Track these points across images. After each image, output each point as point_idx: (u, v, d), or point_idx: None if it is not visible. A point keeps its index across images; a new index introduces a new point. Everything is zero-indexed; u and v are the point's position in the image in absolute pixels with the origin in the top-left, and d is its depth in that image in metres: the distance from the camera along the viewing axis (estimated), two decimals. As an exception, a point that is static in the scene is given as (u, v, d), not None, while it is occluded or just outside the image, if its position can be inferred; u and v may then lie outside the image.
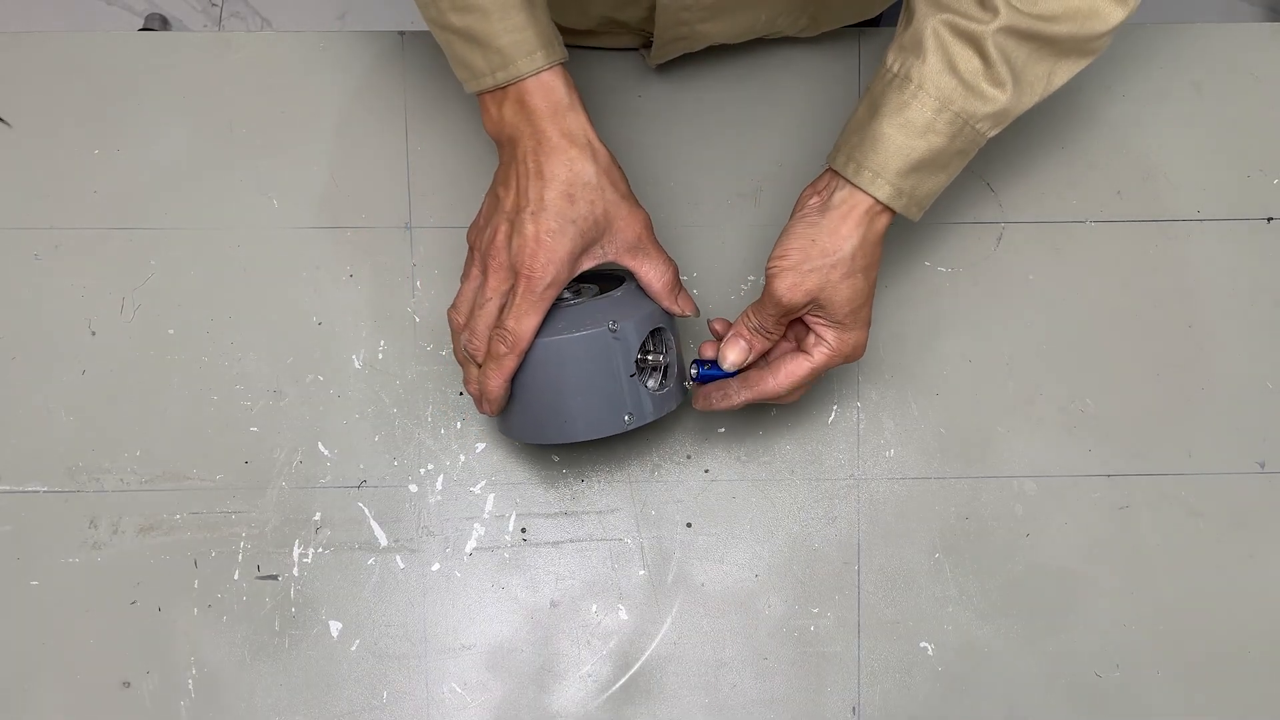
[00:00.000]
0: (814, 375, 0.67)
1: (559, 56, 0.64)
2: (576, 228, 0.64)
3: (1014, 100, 0.63)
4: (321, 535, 0.76)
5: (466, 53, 0.64)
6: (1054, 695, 0.76)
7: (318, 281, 0.79)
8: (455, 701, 0.75)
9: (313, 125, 0.80)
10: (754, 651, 0.76)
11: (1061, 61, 0.64)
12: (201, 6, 1.81)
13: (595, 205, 0.64)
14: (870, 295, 0.66)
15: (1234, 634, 0.77)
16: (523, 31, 0.63)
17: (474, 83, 0.65)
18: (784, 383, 0.67)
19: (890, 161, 0.63)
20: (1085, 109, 0.83)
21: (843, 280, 0.64)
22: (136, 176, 0.80)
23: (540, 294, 0.63)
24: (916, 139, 0.62)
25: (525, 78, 0.63)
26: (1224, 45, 0.83)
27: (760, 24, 0.78)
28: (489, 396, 0.66)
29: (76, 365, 0.78)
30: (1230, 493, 0.78)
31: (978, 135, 0.64)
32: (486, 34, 0.63)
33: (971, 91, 0.62)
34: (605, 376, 0.66)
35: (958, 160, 0.65)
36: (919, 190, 0.65)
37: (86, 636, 0.75)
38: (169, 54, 0.81)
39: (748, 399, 0.68)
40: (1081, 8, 0.61)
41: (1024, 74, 0.63)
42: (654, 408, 0.68)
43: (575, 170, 0.64)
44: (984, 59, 0.62)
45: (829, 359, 0.66)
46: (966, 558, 0.77)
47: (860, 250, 0.65)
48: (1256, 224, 0.82)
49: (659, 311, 0.68)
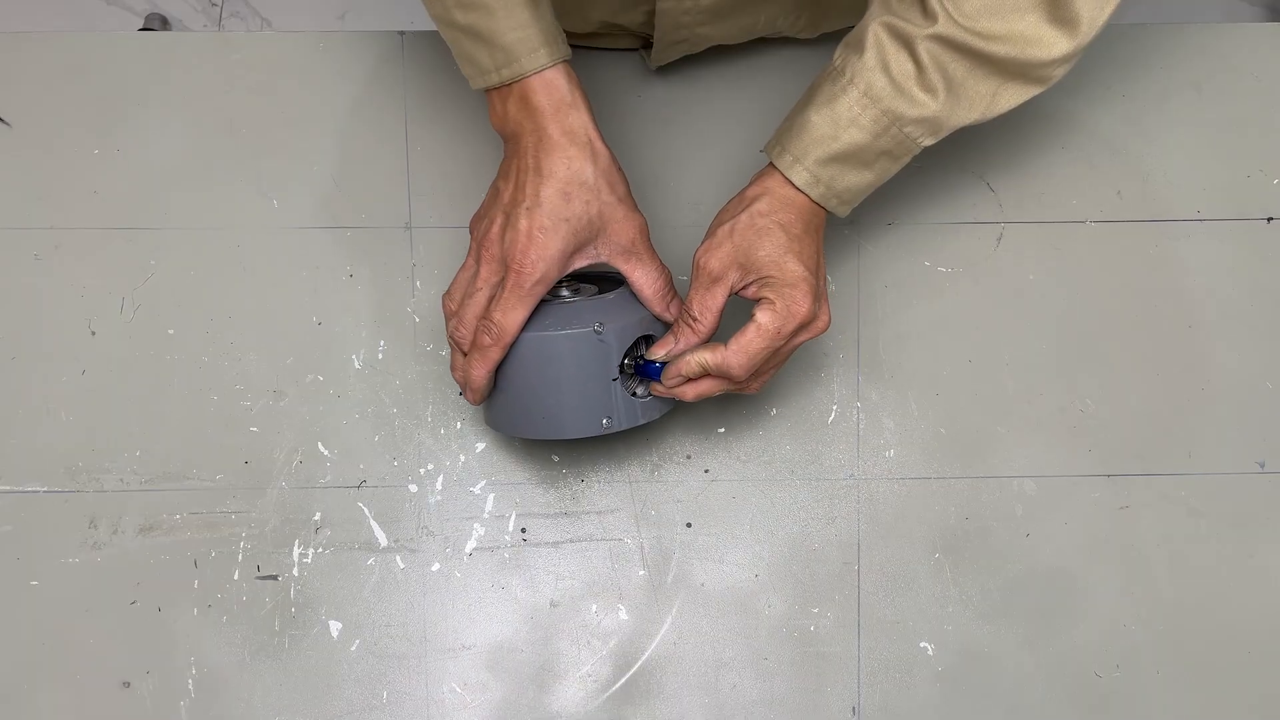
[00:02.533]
0: (766, 343, 0.64)
1: (563, 54, 0.65)
2: (570, 226, 0.64)
3: (946, 110, 0.63)
4: (321, 535, 0.76)
5: (472, 50, 0.65)
6: (1054, 695, 0.76)
7: (318, 281, 0.79)
8: (455, 701, 0.75)
9: (313, 125, 0.80)
10: (754, 651, 0.76)
11: (1008, 84, 0.64)
12: (201, 6, 1.81)
13: (591, 205, 0.64)
14: (808, 259, 0.65)
15: (1234, 634, 0.77)
16: (527, 29, 0.63)
17: (479, 79, 0.65)
18: (737, 355, 0.64)
19: (811, 149, 0.64)
20: (1085, 109, 0.83)
21: (759, 236, 0.64)
22: (136, 176, 0.80)
23: (528, 289, 0.64)
24: (840, 130, 0.63)
25: (529, 75, 0.64)
26: (1224, 45, 0.83)
27: (760, 25, 0.78)
28: (472, 386, 0.67)
29: (76, 365, 0.78)
30: (1230, 493, 0.78)
31: (907, 139, 0.64)
32: (491, 31, 0.63)
33: (901, 93, 0.62)
34: (587, 377, 0.66)
35: (885, 161, 0.65)
36: (838, 183, 0.65)
37: (86, 636, 0.75)
38: (169, 54, 0.81)
39: (709, 389, 0.67)
40: (1025, 32, 0.61)
41: (962, 88, 0.63)
42: (635, 414, 0.68)
43: (574, 169, 0.64)
44: (916, 63, 0.62)
45: (771, 318, 0.64)
46: (966, 558, 0.77)
47: (770, 206, 0.65)
48: (1256, 224, 0.82)
49: (649, 319, 0.68)
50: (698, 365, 0.65)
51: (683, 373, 0.66)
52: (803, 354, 0.79)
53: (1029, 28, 0.61)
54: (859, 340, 0.80)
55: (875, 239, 0.81)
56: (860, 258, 0.81)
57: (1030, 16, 0.61)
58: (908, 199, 0.81)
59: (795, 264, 0.64)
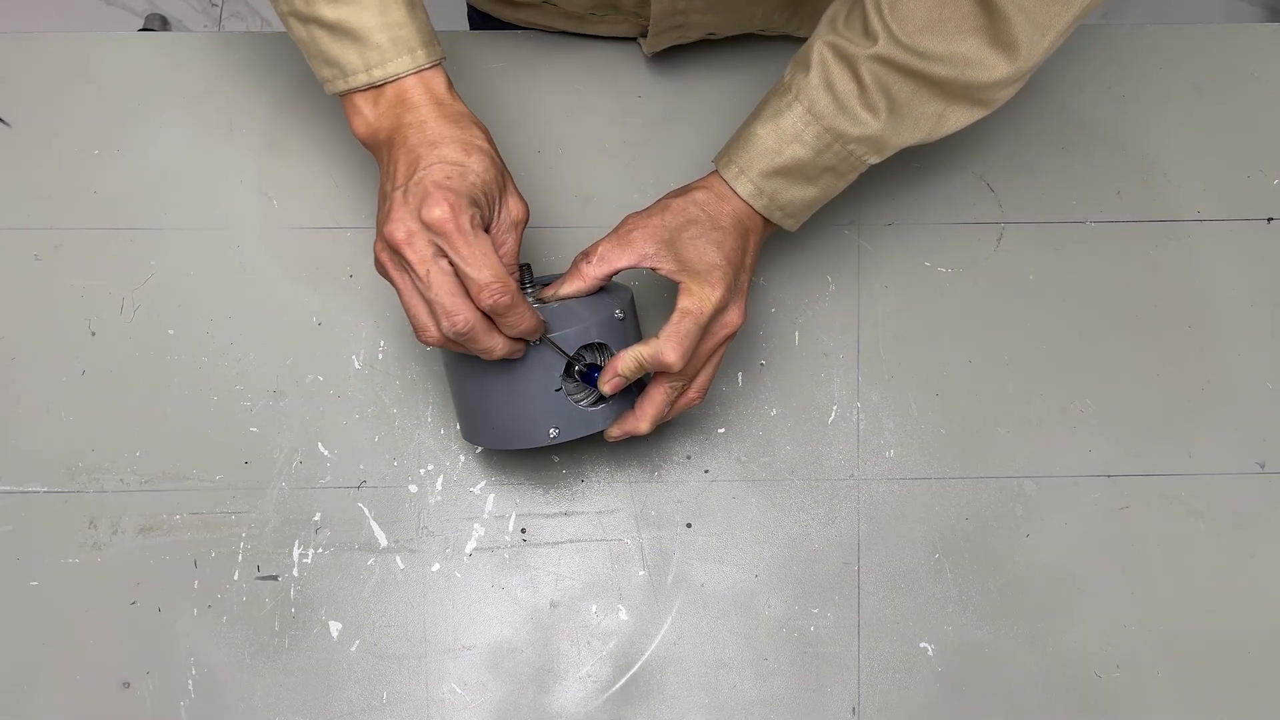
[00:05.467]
0: (692, 323, 0.63)
1: (439, 55, 0.63)
2: (468, 181, 0.60)
3: (889, 129, 0.64)
4: (321, 535, 0.76)
5: (335, 48, 0.62)
6: (1054, 695, 0.76)
7: (318, 281, 0.79)
8: (455, 701, 0.75)
9: (313, 125, 0.80)
10: (754, 652, 0.76)
11: (954, 106, 0.64)
12: (201, 6, 1.81)
13: (489, 170, 0.61)
14: (728, 252, 0.65)
15: (1234, 634, 0.77)
16: (404, 28, 0.61)
17: (342, 81, 0.63)
18: (668, 340, 0.62)
19: (755, 161, 0.65)
20: (1085, 109, 0.83)
21: (688, 223, 0.65)
22: (136, 176, 0.80)
23: (470, 226, 0.58)
24: (784, 145, 0.64)
25: (406, 75, 0.62)
26: (1224, 45, 0.83)
27: (756, 19, 0.78)
28: (529, 335, 0.63)
29: (76, 365, 0.78)
30: (1230, 493, 0.78)
31: (851, 157, 0.65)
32: (364, 28, 0.61)
33: (844, 111, 0.63)
34: (528, 387, 0.65)
35: (829, 177, 0.66)
36: (781, 196, 0.66)
37: (86, 636, 0.75)
38: (169, 54, 0.81)
39: (658, 403, 0.65)
40: (966, 54, 0.62)
41: (907, 108, 0.64)
42: (584, 423, 0.66)
43: (460, 156, 0.61)
44: (859, 83, 0.63)
45: (689, 301, 0.63)
46: (966, 558, 0.77)
47: (708, 198, 0.66)
48: (1256, 224, 0.82)
49: (593, 326, 0.65)
50: (632, 359, 0.63)
51: (619, 370, 0.64)
52: (803, 354, 0.79)
53: (970, 50, 0.62)
54: (859, 340, 0.80)
55: (875, 239, 0.81)
56: (860, 258, 0.81)
57: (971, 39, 0.62)
58: (908, 199, 0.81)
59: (714, 253, 0.65)
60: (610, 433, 0.67)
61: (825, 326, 0.80)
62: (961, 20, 0.61)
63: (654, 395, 0.66)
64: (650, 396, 0.66)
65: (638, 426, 0.66)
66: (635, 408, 0.67)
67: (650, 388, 0.66)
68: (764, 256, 0.80)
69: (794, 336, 0.80)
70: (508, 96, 0.82)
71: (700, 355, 0.65)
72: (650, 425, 0.66)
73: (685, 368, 0.65)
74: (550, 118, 0.82)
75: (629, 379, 0.64)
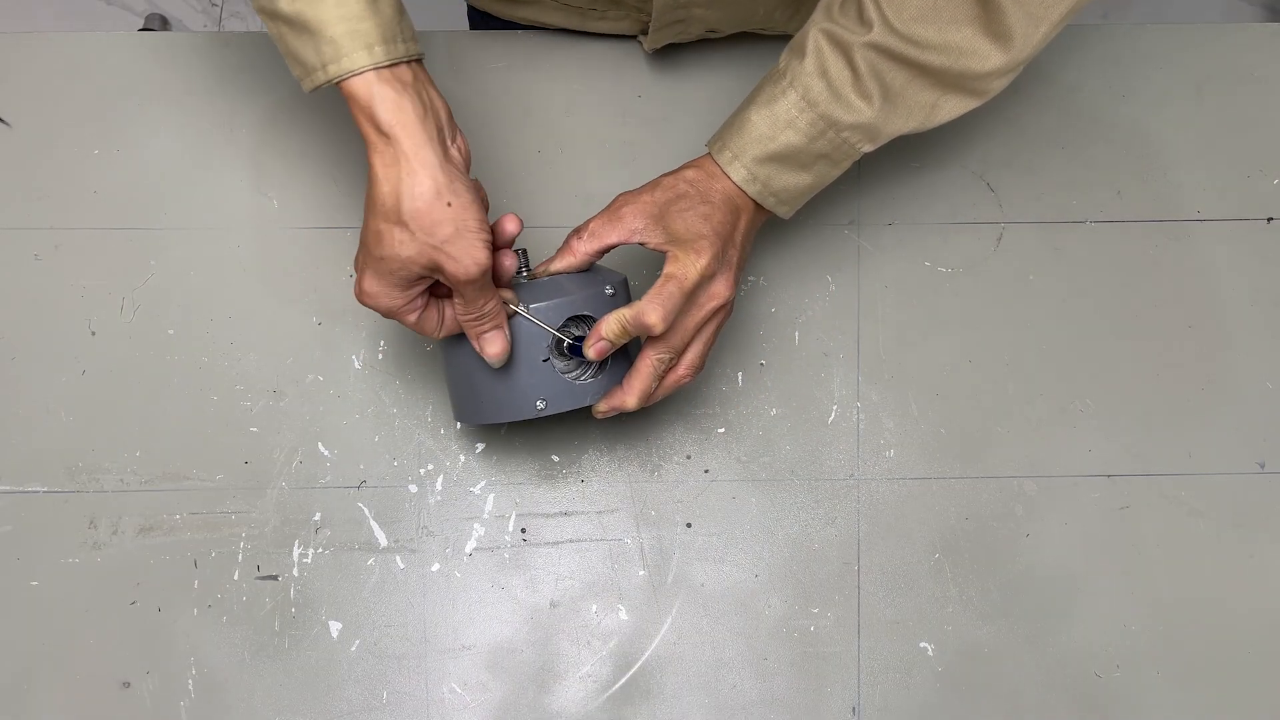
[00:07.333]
0: (676, 288, 0.63)
1: (404, 54, 0.59)
2: (472, 194, 0.60)
3: (882, 117, 0.64)
4: (321, 535, 0.76)
5: (297, 45, 0.58)
6: (1054, 695, 0.76)
7: (318, 281, 0.79)
8: (455, 701, 0.75)
9: (312, 125, 0.80)
10: (754, 652, 0.76)
11: (947, 95, 0.65)
12: (201, 6, 1.81)
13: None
14: (717, 224, 0.65)
15: (1234, 634, 0.77)
16: (361, 21, 0.57)
17: (306, 80, 0.60)
18: (651, 303, 0.62)
19: (749, 147, 0.65)
20: (1085, 109, 0.83)
21: (678, 198, 0.66)
22: (136, 176, 0.80)
23: (477, 230, 0.59)
24: (778, 131, 0.65)
25: (360, 72, 0.58)
26: (1224, 45, 0.83)
27: (758, 17, 0.78)
28: (499, 355, 0.65)
29: (76, 365, 0.78)
30: (1230, 493, 0.78)
31: (845, 144, 0.65)
32: (318, 21, 0.57)
33: (838, 98, 0.63)
34: (516, 357, 0.66)
35: (823, 165, 0.66)
36: (774, 182, 0.66)
37: (86, 636, 0.75)
38: (169, 54, 0.81)
39: (645, 375, 0.65)
40: (960, 43, 0.62)
41: (901, 97, 0.64)
42: (572, 396, 0.67)
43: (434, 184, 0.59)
44: (853, 70, 0.63)
45: (675, 267, 0.63)
46: (966, 558, 0.77)
47: (699, 176, 0.66)
48: (1256, 224, 0.82)
49: (580, 299, 0.65)
50: (615, 322, 0.63)
51: (602, 334, 0.63)
52: (803, 354, 0.79)
53: (964, 39, 0.62)
54: (859, 340, 0.80)
55: (875, 239, 0.81)
56: (860, 258, 0.81)
57: (966, 29, 0.62)
58: (908, 199, 0.81)
59: (701, 224, 0.65)
60: (598, 408, 0.67)
61: (825, 326, 0.80)
62: (956, 10, 0.61)
63: (641, 367, 0.65)
64: (637, 369, 0.66)
65: (625, 400, 0.66)
66: (623, 382, 0.66)
67: (638, 360, 0.66)
68: (764, 256, 0.80)
69: (794, 336, 0.80)
70: (508, 96, 0.82)
71: (687, 327, 0.65)
72: (638, 400, 0.66)
73: (672, 338, 0.64)
74: (550, 117, 0.82)
75: (614, 342, 0.64)
